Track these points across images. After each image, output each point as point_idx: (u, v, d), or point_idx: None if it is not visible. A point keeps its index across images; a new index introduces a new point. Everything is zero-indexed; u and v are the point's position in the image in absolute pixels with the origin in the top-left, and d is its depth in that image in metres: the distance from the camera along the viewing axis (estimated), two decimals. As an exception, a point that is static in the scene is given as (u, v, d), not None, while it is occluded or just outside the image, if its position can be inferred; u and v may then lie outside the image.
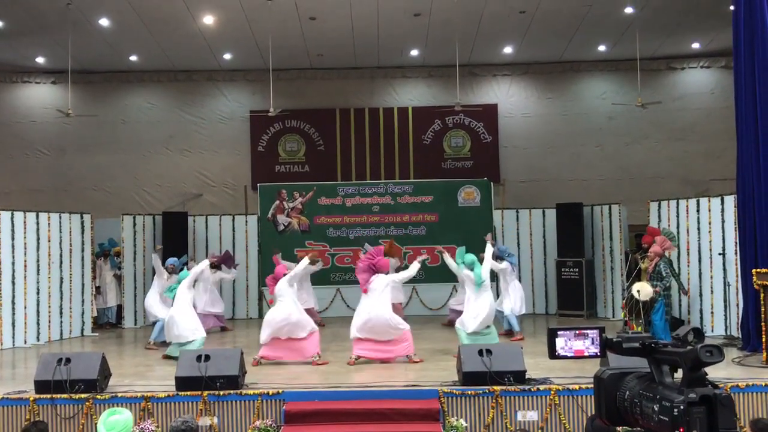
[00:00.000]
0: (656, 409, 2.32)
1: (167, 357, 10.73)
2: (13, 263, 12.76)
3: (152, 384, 8.87)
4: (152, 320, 12.77)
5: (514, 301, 12.48)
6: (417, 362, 10.09)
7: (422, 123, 18.88)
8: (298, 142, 18.92)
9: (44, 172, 18.64)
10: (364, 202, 16.30)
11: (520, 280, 13.12)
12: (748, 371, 8.98)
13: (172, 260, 12.77)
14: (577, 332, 2.59)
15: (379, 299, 10.13)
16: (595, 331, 2.59)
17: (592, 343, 2.58)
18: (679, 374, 2.41)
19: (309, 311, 14.47)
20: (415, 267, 10.47)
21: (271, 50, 15.41)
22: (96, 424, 6.09)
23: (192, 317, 10.85)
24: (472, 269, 10.48)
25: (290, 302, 10.35)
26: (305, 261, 11.55)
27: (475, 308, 10.41)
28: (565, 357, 2.60)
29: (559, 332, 2.61)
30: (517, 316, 12.44)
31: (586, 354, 2.59)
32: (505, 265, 12.46)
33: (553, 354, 2.62)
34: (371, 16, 14.95)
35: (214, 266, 13.72)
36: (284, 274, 10.56)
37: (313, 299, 14.33)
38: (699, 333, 2.42)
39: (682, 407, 2.23)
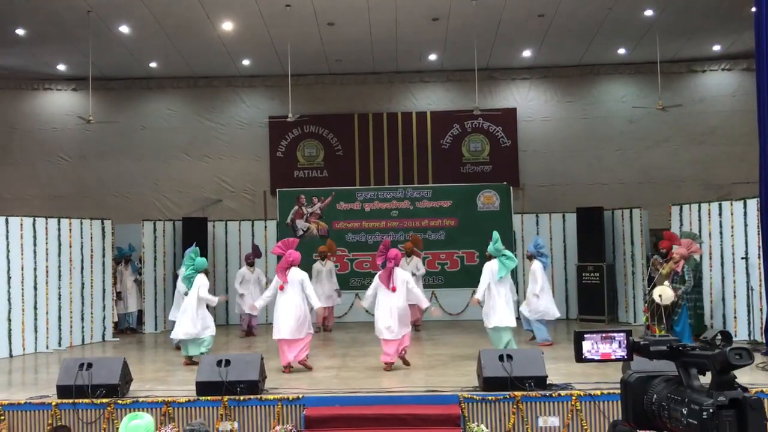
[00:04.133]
0: (684, 412, 2.28)
1: (189, 362, 10.73)
2: (35, 269, 12.86)
3: (173, 389, 8.89)
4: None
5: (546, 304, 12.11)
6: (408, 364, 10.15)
7: (441, 127, 18.87)
8: (317, 148, 18.97)
9: (65, 178, 18.81)
10: (382, 207, 16.28)
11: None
12: (773, 376, 8.87)
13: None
14: (603, 335, 2.55)
15: (401, 294, 10.10)
16: (622, 334, 2.55)
17: (619, 346, 2.54)
18: (707, 378, 2.38)
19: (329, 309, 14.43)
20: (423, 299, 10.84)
21: (290, 56, 15.47)
22: (117, 428, 6.11)
23: (207, 314, 10.90)
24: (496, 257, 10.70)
25: (300, 296, 10.20)
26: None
27: (501, 303, 10.59)
28: (592, 360, 2.56)
29: (585, 335, 2.57)
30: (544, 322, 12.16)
31: (612, 357, 2.55)
32: (536, 266, 12.04)
33: (579, 357, 2.58)
34: (389, 21, 14.96)
35: (251, 264, 13.98)
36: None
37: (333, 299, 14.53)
38: (727, 336, 2.39)
39: (711, 411, 2.19)
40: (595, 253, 15.26)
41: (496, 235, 10.89)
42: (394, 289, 10.02)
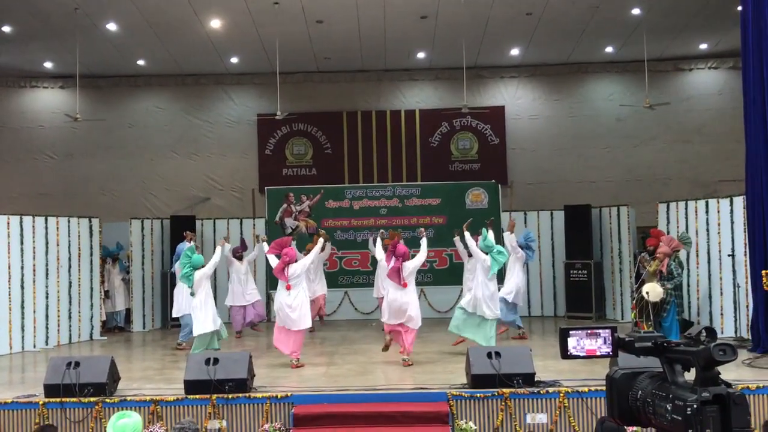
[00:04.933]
0: (669, 408, 2.30)
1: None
2: (21, 267, 12.80)
3: (161, 387, 8.88)
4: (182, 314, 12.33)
5: (511, 288, 12.28)
6: (409, 365, 10.12)
7: (429, 125, 18.88)
8: (306, 145, 18.94)
9: (52, 176, 18.70)
10: (371, 204, 16.30)
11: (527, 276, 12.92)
12: (758, 373, 8.93)
13: (183, 246, 12.60)
14: (589, 332, 2.57)
15: (412, 287, 10.26)
16: (607, 330, 2.57)
17: (604, 342, 2.56)
18: (691, 374, 2.40)
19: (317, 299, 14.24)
20: (424, 247, 10.52)
21: (278, 54, 15.44)
22: (105, 427, 6.09)
23: (212, 307, 10.89)
24: (487, 253, 10.71)
25: (303, 290, 10.46)
26: (320, 245, 11.47)
27: (488, 295, 10.67)
28: (577, 357, 2.58)
29: (571, 332, 2.59)
30: (508, 306, 12.23)
31: (598, 353, 2.57)
32: (520, 254, 12.35)
33: (565, 354, 2.60)
34: (378, 19, 14.95)
35: (239, 258, 13.79)
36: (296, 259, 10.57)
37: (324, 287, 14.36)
38: (711, 332, 2.41)
39: (695, 406, 2.21)
40: (583, 250, 15.34)
41: (485, 232, 10.95)
42: (405, 285, 10.12)
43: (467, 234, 11.05)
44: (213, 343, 10.87)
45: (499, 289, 11.45)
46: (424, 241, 10.63)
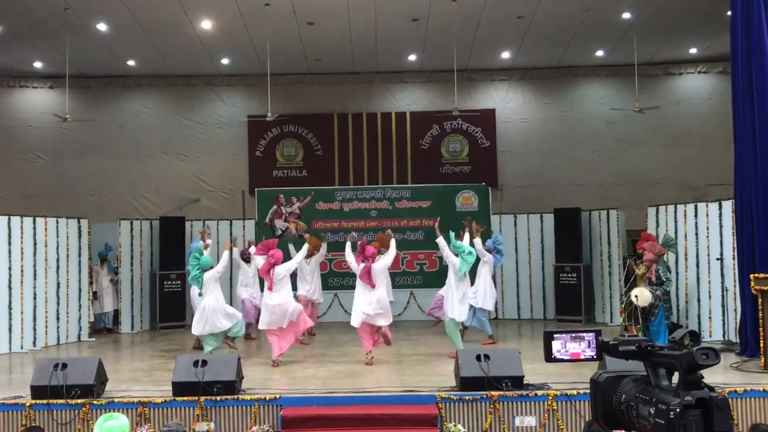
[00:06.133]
0: (652, 412, 2.30)
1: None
2: (9, 268, 12.73)
3: (149, 389, 8.84)
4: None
5: (484, 297, 12.23)
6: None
7: (420, 128, 18.89)
8: (296, 147, 18.92)
9: (41, 176, 18.62)
10: (361, 207, 16.28)
11: (495, 279, 12.90)
12: (746, 376, 8.97)
13: (195, 244, 12.50)
14: (573, 335, 2.58)
15: (382, 287, 10.64)
16: (591, 334, 2.58)
17: (588, 346, 2.57)
18: (675, 377, 2.41)
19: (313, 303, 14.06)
20: (393, 246, 10.83)
21: (269, 55, 15.42)
22: (92, 429, 6.07)
23: (224, 304, 11.01)
24: (457, 255, 10.88)
25: (287, 290, 10.68)
26: (304, 249, 11.53)
27: (458, 297, 10.89)
28: (561, 360, 2.59)
29: (555, 335, 2.59)
30: (484, 316, 12.27)
31: (582, 357, 2.57)
32: (487, 258, 12.31)
33: (549, 357, 2.61)
34: (369, 21, 14.95)
35: (247, 260, 13.62)
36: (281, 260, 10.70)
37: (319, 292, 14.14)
38: (695, 336, 2.42)
39: (678, 410, 2.22)
40: (572, 253, 15.35)
41: (451, 234, 11.06)
42: (373, 287, 10.42)
43: (440, 238, 11.10)
44: (213, 343, 10.90)
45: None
46: (392, 242, 10.88)
